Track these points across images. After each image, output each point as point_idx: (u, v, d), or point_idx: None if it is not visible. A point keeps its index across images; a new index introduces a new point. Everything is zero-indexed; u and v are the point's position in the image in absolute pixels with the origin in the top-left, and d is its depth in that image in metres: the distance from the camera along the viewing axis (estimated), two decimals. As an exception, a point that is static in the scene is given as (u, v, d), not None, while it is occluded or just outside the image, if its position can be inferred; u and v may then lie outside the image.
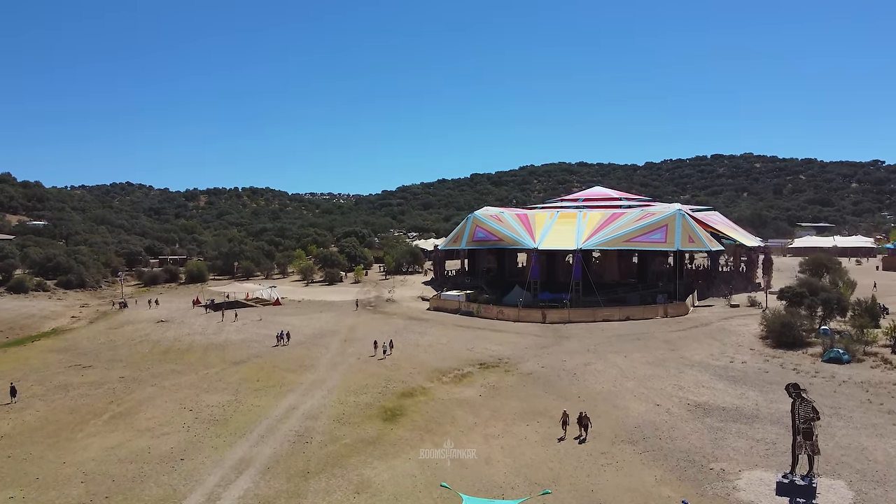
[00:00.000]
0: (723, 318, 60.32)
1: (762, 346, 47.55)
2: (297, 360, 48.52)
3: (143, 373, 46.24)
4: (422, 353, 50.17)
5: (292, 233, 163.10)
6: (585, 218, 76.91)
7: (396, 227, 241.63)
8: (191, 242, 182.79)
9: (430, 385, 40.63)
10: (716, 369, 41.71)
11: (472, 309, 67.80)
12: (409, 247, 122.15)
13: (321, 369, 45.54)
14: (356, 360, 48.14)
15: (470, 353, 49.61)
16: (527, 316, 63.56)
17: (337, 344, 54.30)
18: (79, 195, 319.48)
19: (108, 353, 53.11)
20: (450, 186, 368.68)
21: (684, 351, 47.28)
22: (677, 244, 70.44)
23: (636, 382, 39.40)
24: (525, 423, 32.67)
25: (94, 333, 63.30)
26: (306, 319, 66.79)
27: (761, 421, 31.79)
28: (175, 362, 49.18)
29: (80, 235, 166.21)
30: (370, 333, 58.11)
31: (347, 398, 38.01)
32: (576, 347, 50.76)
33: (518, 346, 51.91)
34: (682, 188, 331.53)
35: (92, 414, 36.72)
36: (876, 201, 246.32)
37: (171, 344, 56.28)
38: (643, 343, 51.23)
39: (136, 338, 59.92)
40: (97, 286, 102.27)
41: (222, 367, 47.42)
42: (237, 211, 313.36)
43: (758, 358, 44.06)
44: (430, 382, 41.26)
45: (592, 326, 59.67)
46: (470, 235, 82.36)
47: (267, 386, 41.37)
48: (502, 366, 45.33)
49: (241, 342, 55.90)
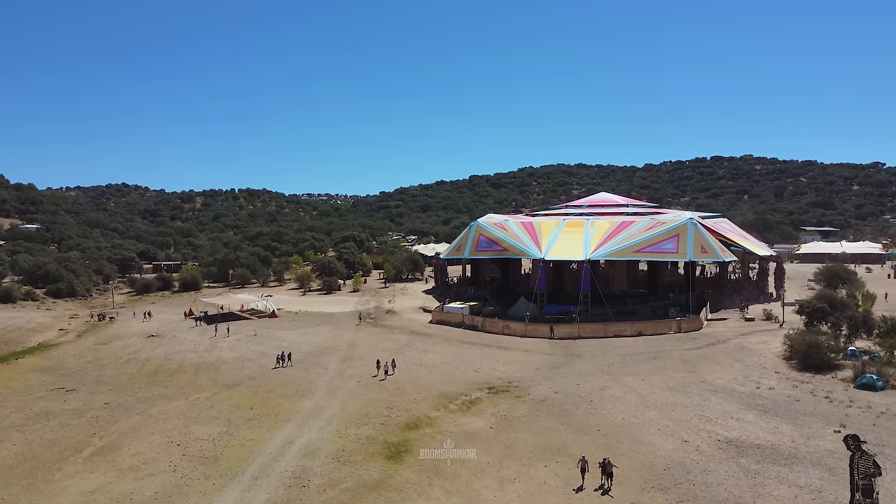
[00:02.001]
0: (740, 333, 57.69)
1: (787, 367, 44.89)
2: (294, 383, 45.69)
3: (130, 398, 43.38)
4: (426, 375, 47.41)
5: (289, 237, 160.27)
6: (593, 227, 74.22)
7: (395, 229, 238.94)
8: (186, 246, 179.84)
9: (436, 414, 37.86)
10: (742, 396, 39.01)
11: (477, 323, 65.06)
12: (409, 253, 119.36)
13: (319, 394, 42.73)
14: (356, 383, 45.32)
15: (477, 375, 46.85)
16: (534, 331, 60.83)
17: (336, 364, 51.47)
18: (73, 197, 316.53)
19: (94, 374, 50.20)
20: (448, 188, 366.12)
21: (705, 373, 44.57)
22: (690, 254, 67.82)
23: (659, 412, 36.68)
24: (542, 464, 29.92)
25: (80, 350, 60.38)
26: (303, 334, 63.93)
27: (801, 462, 29.09)
28: (164, 385, 46.31)
29: (72, 240, 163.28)
30: (370, 351, 55.38)
31: (348, 430, 35.22)
32: (589, 368, 48.04)
33: (527, 367, 49.17)
34: (682, 190, 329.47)
35: (72, 449, 33.86)
36: (878, 204, 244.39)
37: (161, 363, 53.38)
38: (660, 363, 48.52)
39: (124, 355, 57.01)
40: (88, 295, 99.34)
41: (214, 390, 44.58)
42: (233, 213, 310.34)
43: (785, 383, 41.38)
44: (437, 411, 38.49)
45: (604, 343, 56.95)
46: (473, 244, 79.57)
47: (261, 415, 38.55)
48: (512, 390, 42.56)
49: (235, 361, 53.03)
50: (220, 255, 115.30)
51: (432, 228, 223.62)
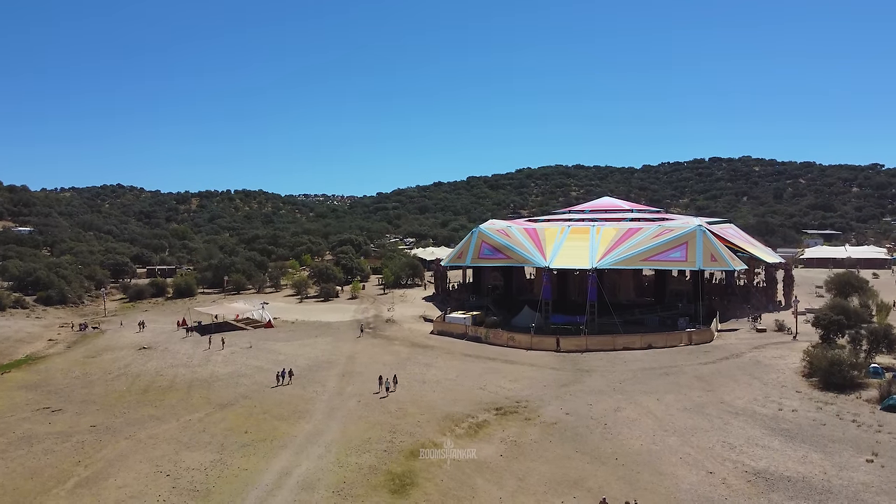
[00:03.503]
0: (753, 346, 55.71)
1: (808, 386, 42.90)
2: (291, 402, 43.51)
3: (118, 419, 41.17)
4: (429, 393, 45.29)
5: (285, 241, 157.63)
6: (599, 233, 72.15)
7: (392, 232, 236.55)
8: (181, 249, 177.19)
9: (442, 439, 35.71)
10: (764, 420, 36.98)
11: (480, 334, 62.92)
12: (408, 258, 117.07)
13: (317, 416, 40.56)
14: (356, 402, 43.16)
15: (483, 393, 44.75)
16: (540, 343, 58.74)
17: (334, 380, 49.28)
18: (67, 198, 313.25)
19: (82, 392, 47.92)
20: (446, 190, 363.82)
21: (723, 392, 42.54)
22: (699, 263, 65.87)
23: (679, 438, 34.63)
24: (559, 500, 27.88)
25: (69, 363, 58.03)
26: (300, 346, 61.70)
27: (836, 498, 27.12)
28: (154, 404, 44.08)
29: (65, 243, 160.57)
30: (370, 365, 53.26)
31: (348, 459, 33.11)
32: (600, 385, 45.98)
33: (536, 384, 47.07)
34: (680, 191, 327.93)
35: (55, 479, 31.74)
36: (878, 206, 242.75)
37: (152, 379, 51.09)
38: (673, 380, 46.50)
39: (114, 370, 54.71)
40: (79, 302, 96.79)
41: (207, 411, 42.39)
42: (229, 214, 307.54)
43: (808, 404, 39.37)
44: (442, 435, 36.37)
45: (613, 356, 54.89)
46: (475, 251, 77.38)
47: (256, 440, 36.40)
48: (521, 411, 40.49)
49: (229, 377, 50.78)
50: (216, 261, 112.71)
51: (430, 231, 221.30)
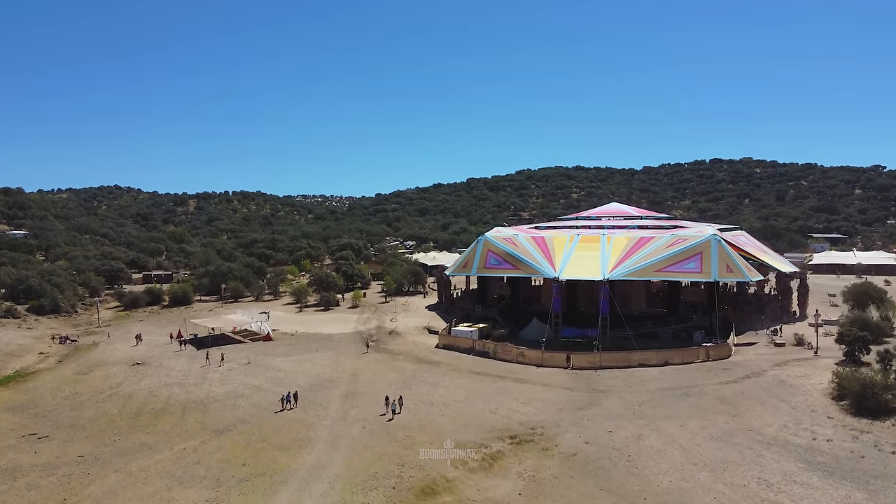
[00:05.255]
0: (774, 363, 53.26)
1: (839, 410, 40.50)
2: (291, 428, 41.01)
3: (108, 448, 38.67)
4: (437, 417, 42.83)
5: (284, 245, 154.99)
6: (610, 242, 69.67)
7: (392, 234, 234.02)
8: (178, 253, 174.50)
9: (454, 474, 33.27)
10: (799, 451, 34.54)
11: (489, 349, 60.45)
12: (410, 265, 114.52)
13: (320, 445, 38.07)
14: (361, 428, 40.67)
15: (495, 418, 42.28)
16: (551, 359, 56.28)
17: (337, 402, 46.76)
18: (63, 200, 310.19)
19: (71, 415, 45.37)
20: (446, 191, 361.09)
21: (750, 418, 40.10)
22: (714, 274, 63.46)
23: (710, 474, 32.18)
24: (587, 550, 25.43)
25: (59, 381, 55.41)
26: (300, 362, 59.15)
27: (892, 549, 24.69)
28: (146, 430, 41.56)
29: (60, 248, 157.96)
30: (374, 384, 50.80)
31: (354, 498, 30.66)
32: (618, 409, 43.52)
33: (550, 406, 44.59)
34: (681, 193, 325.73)
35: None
36: (882, 209, 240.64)
37: (145, 400, 48.52)
38: (695, 402, 44.07)
39: (105, 389, 52.13)
40: (73, 311, 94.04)
41: (202, 438, 39.89)
42: (227, 216, 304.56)
43: (842, 432, 36.95)
44: (454, 469, 33.89)
45: (628, 374, 52.46)
46: (482, 260, 74.83)
47: (255, 473, 33.89)
48: (537, 439, 38.03)
49: (226, 398, 48.22)
50: (213, 267, 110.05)
51: (431, 234, 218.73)
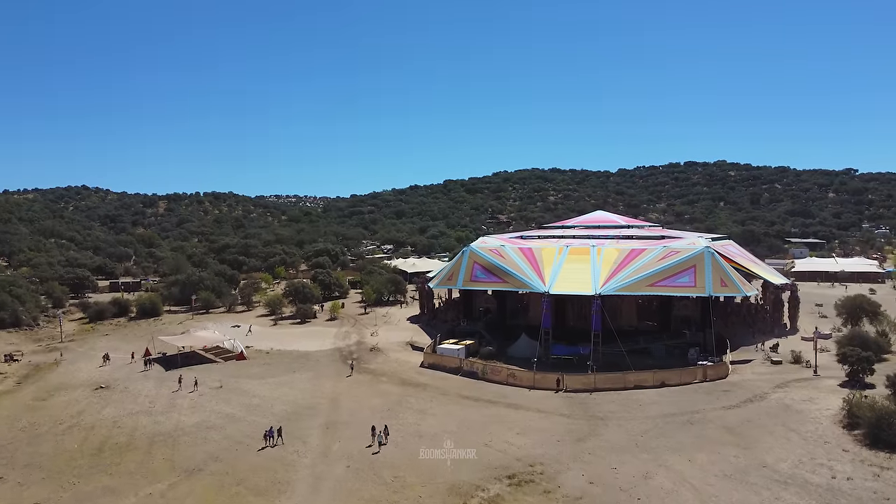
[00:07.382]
0: (775, 385, 51.28)
1: (852, 442, 38.41)
2: (268, 467, 37.50)
3: (66, 492, 34.85)
4: (428, 451, 39.65)
5: (258, 251, 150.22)
6: (600, 255, 67.23)
7: (369, 237, 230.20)
8: (147, 258, 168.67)
9: (451, 525, 30.22)
10: (819, 492, 32.18)
11: (477, 369, 57.48)
12: (390, 272, 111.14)
13: (300, 488, 34.68)
14: (345, 468, 37.34)
15: (490, 452, 39.28)
16: (543, 380, 53.49)
17: (318, 434, 43.29)
18: (28, 202, 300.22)
19: (27, 451, 41.20)
20: (422, 193, 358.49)
21: (761, 451, 37.72)
22: (709, 289, 61.40)
23: (729, 523, 29.63)
24: None
25: (15, 408, 51.00)
26: (277, 386, 55.43)
27: None
28: (109, 470, 37.69)
29: (24, 254, 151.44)
30: (357, 412, 47.51)
31: (342, 558, 27.41)
32: (620, 439, 40.89)
33: (547, 438, 41.75)
34: (657, 196, 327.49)
35: None
36: (856, 213, 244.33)
37: (108, 432, 44.48)
38: (700, 432, 41.64)
39: (65, 418, 47.89)
40: (34, 324, 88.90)
41: (170, 480, 36.20)
42: (198, 218, 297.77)
43: (861, 469, 34.73)
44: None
45: (625, 397, 49.92)
46: (467, 273, 71.74)
47: (229, 527, 30.47)
48: (537, 479, 35.13)
49: (196, 430, 44.42)
50: (183, 276, 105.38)
51: (408, 238, 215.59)
